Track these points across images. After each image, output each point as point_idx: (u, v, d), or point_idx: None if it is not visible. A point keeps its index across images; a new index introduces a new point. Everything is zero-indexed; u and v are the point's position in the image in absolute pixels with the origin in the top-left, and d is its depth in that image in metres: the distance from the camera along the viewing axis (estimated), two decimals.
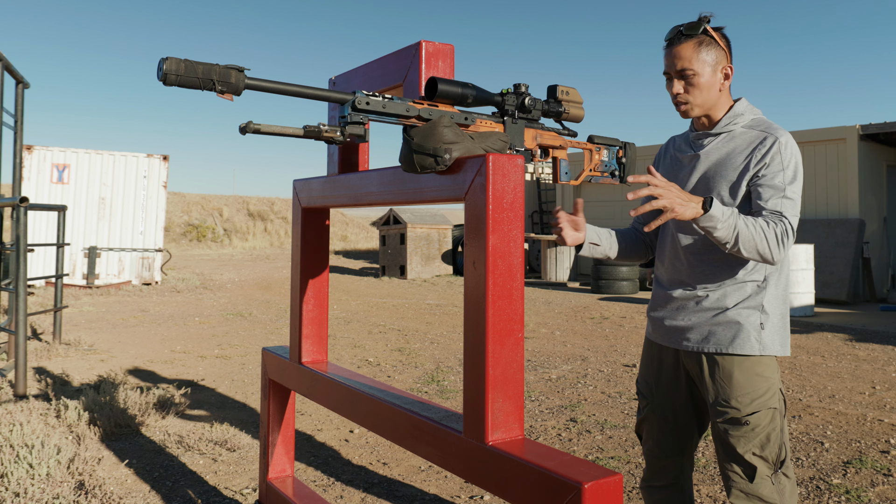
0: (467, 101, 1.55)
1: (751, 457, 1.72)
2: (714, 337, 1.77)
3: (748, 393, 1.73)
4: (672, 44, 1.77)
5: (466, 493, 3.01)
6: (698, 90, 1.76)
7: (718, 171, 1.79)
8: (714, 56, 1.76)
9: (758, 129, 1.77)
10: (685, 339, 1.83)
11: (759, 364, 1.75)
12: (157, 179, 12.48)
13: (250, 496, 2.96)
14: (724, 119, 1.81)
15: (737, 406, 1.73)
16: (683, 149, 1.92)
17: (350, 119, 1.41)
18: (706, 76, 1.75)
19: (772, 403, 1.74)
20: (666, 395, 1.92)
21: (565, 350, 6.33)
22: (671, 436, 1.93)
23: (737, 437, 1.73)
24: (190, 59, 1.26)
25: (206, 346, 6.54)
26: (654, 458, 1.97)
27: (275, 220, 27.22)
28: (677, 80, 1.78)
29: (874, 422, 4.00)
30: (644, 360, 2.01)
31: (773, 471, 1.73)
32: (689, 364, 1.85)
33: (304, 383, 2.18)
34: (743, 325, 1.75)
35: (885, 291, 10.58)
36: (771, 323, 1.76)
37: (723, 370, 1.76)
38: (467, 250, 1.42)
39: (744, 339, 1.74)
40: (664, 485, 1.97)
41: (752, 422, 1.72)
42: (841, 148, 10.42)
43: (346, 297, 10.68)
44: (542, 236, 13.19)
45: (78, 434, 3.61)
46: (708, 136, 1.84)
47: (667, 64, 1.79)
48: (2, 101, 6.64)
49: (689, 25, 1.75)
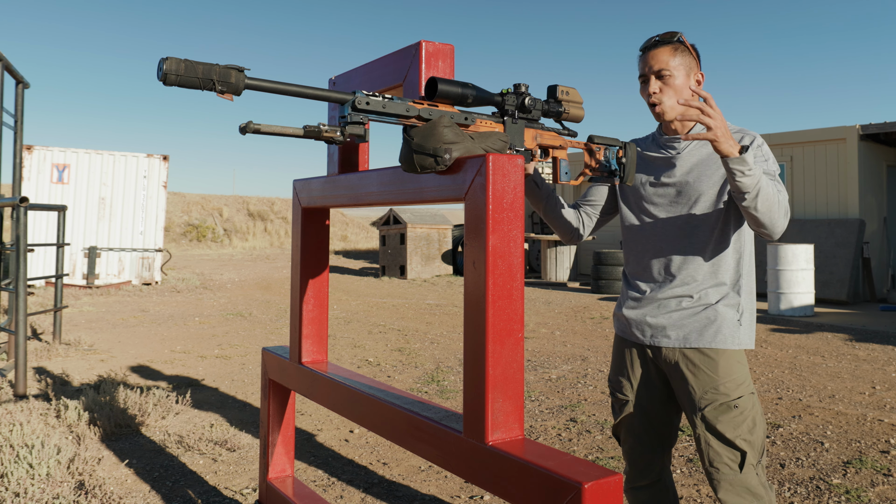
0: (467, 101, 1.55)
1: (741, 442, 1.79)
2: (697, 333, 1.85)
3: (734, 379, 1.82)
4: (648, 49, 1.86)
5: (466, 493, 3.01)
6: (673, 90, 1.83)
7: (702, 171, 1.86)
8: (687, 62, 1.84)
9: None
10: (665, 335, 1.89)
11: (737, 354, 1.85)
12: (157, 179, 12.48)
13: (250, 496, 2.96)
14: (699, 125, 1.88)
15: (725, 392, 1.81)
16: (654, 150, 1.97)
17: (350, 119, 1.41)
18: (680, 78, 1.83)
19: (751, 388, 1.84)
20: (644, 390, 1.97)
21: (565, 350, 6.33)
22: (651, 430, 1.98)
23: (726, 422, 1.79)
24: (190, 59, 1.26)
25: (206, 346, 6.54)
26: (637, 455, 2.00)
27: (275, 220, 27.22)
28: (654, 79, 1.84)
29: (874, 422, 4.00)
30: (616, 359, 2.04)
31: (757, 460, 1.80)
32: (667, 359, 1.90)
33: (304, 383, 2.18)
34: (724, 321, 1.84)
35: (885, 291, 10.58)
36: (745, 319, 1.87)
37: (708, 361, 1.83)
38: (467, 250, 1.42)
39: (725, 334, 1.84)
40: (648, 483, 2.00)
41: (741, 405, 1.80)
42: (841, 148, 10.42)
43: (346, 297, 10.68)
44: (542, 236, 13.18)
45: (78, 434, 3.61)
46: (678, 140, 1.90)
47: (642, 67, 1.87)
48: (2, 101, 6.64)
49: (665, 33, 1.86)
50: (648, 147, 2.00)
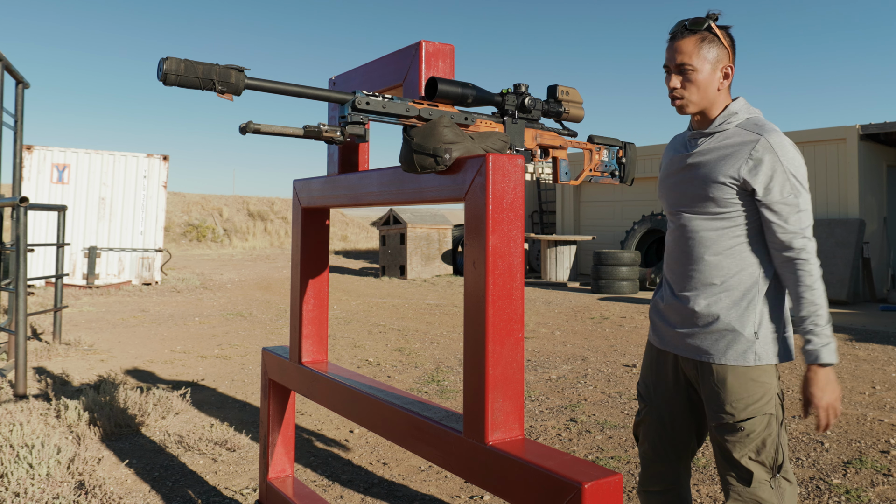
0: (467, 101, 1.55)
1: (746, 461, 1.71)
2: (708, 346, 1.75)
3: (742, 399, 1.70)
4: (675, 38, 1.75)
5: (466, 493, 3.01)
6: (695, 87, 1.73)
7: (708, 173, 1.75)
8: (715, 54, 1.72)
9: (751, 130, 1.72)
10: (683, 345, 1.81)
11: (754, 370, 1.71)
12: (157, 179, 12.48)
13: (250, 496, 2.96)
14: (719, 118, 1.76)
15: (731, 412, 1.71)
16: (679, 149, 1.89)
17: (350, 119, 1.41)
18: (705, 73, 1.72)
19: (767, 409, 1.71)
20: (664, 399, 1.90)
21: (565, 350, 6.33)
22: (667, 440, 1.91)
23: (732, 442, 1.72)
24: (190, 59, 1.26)
25: (206, 346, 6.54)
26: (649, 462, 1.95)
27: (275, 220, 27.21)
28: (675, 74, 1.75)
29: (874, 422, 4.00)
30: (644, 363, 1.99)
31: (772, 475, 1.71)
32: (687, 369, 1.84)
33: (304, 383, 2.18)
34: (736, 334, 1.72)
35: (885, 291, 10.57)
36: (765, 332, 1.72)
37: (717, 376, 1.74)
38: (467, 250, 1.42)
39: (738, 349, 1.71)
40: (661, 490, 1.94)
41: (747, 428, 1.70)
42: (841, 148, 10.41)
43: (346, 297, 10.67)
44: (542, 236, 13.18)
45: (78, 434, 3.61)
46: (702, 135, 1.80)
47: (667, 57, 1.76)
48: (2, 101, 6.64)
49: (693, 21, 1.73)
50: (677, 146, 1.90)
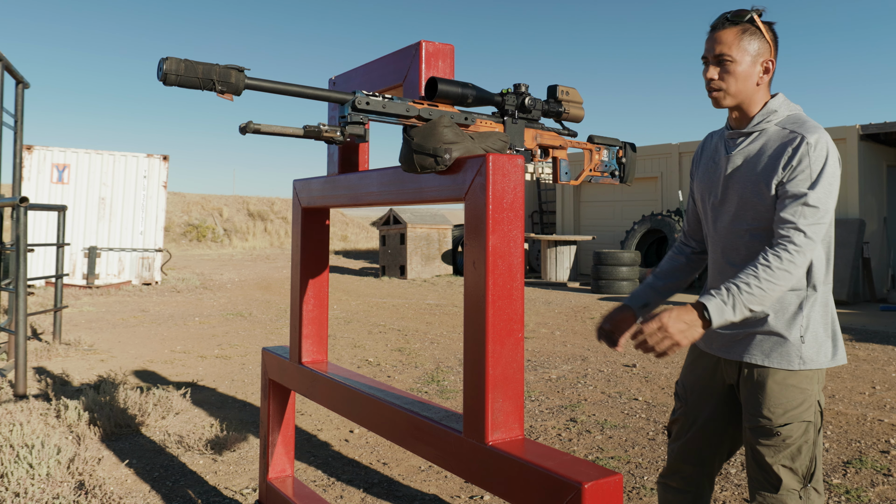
0: (467, 101, 1.55)
1: (779, 468, 1.67)
2: (752, 349, 1.72)
3: (781, 404, 1.67)
4: (715, 29, 1.70)
5: (466, 493, 3.01)
6: (733, 78, 1.68)
7: (747, 174, 1.70)
8: (756, 46, 1.68)
9: (790, 129, 1.67)
10: (726, 347, 1.78)
11: (795, 376, 1.68)
12: (157, 179, 12.48)
13: (250, 496, 2.96)
14: (758, 116, 1.71)
15: (769, 416, 1.67)
16: (719, 150, 1.83)
17: (350, 119, 1.41)
18: (744, 65, 1.67)
19: (806, 416, 1.67)
20: (698, 401, 1.87)
21: (565, 350, 6.33)
22: (695, 444, 1.88)
23: (766, 446, 1.68)
24: (190, 59, 1.26)
25: (206, 346, 6.54)
26: (674, 459, 1.93)
27: (275, 220, 27.21)
28: (713, 65, 1.70)
29: (874, 422, 4.00)
30: (685, 363, 1.96)
31: (803, 485, 1.67)
32: (728, 374, 1.81)
33: (304, 383, 2.18)
34: (781, 338, 1.69)
35: (885, 291, 10.57)
36: (812, 334, 1.68)
37: (757, 379, 1.71)
38: (467, 250, 1.42)
39: (782, 353, 1.68)
40: (679, 488, 1.92)
41: (784, 433, 1.66)
42: (841, 148, 10.41)
43: (346, 297, 10.67)
44: (542, 236, 13.18)
45: (78, 434, 3.61)
46: (741, 135, 1.75)
47: (706, 48, 1.72)
48: (2, 101, 6.64)
49: (736, 12, 1.68)
50: (716, 147, 1.85)
